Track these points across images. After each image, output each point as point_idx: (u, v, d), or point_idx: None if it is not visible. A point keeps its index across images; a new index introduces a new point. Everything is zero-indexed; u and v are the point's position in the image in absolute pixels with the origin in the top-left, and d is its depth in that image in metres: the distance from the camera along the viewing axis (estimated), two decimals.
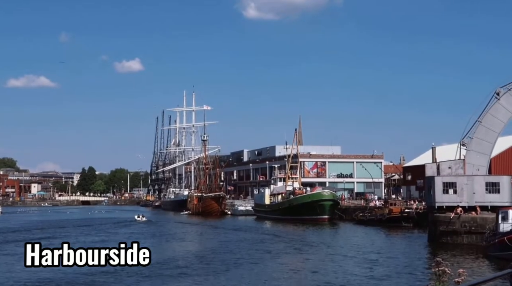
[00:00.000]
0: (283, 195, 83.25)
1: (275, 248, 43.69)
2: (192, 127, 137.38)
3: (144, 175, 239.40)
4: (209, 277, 29.78)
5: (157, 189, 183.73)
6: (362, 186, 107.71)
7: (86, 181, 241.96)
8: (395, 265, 33.75)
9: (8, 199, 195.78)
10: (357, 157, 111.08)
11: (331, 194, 77.17)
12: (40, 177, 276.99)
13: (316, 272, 31.25)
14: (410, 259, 36.25)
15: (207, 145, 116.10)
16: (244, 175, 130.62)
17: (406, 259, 36.21)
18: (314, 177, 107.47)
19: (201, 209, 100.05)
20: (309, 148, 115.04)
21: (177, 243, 50.82)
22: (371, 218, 66.12)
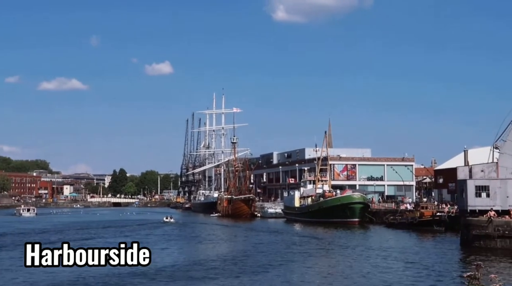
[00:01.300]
0: (313, 198, 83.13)
1: (306, 250, 43.75)
2: (222, 130, 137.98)
3: (174, 177, 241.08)
4: (242, 278, 30.00)
5: (187, 191, 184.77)
6: (392, 189, 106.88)
7: (117, 182, 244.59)
8: (427, 269, 33.54)
9: (41, 200, 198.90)
10: (387, 159, 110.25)
11: (361, 197, 76.82)
12: (72, 178, 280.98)
13: (348, 274, 31.29)
14: (443, 263, 35.96)
15: (237, 147, 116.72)
16: (274, 178, 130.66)
17: (438, 263, 35.93)
18: (344, 179, 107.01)
19: (231, 211, 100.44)
20: (339, 150, 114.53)
21: (209, 245, 51.20)
22: (402, 221, 65.56)
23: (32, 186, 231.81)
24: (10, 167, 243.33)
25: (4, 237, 56.97)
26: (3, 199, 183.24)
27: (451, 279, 29.27)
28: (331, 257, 40.56)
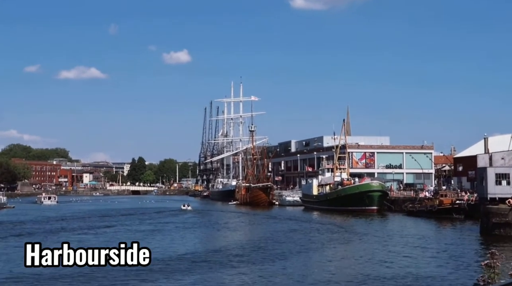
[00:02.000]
0: (331, 186, 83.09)
1: (325, 238, 43.92)
2: (240, 118, 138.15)
3: (192, 165, 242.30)
4: (262, 266, 30.24)
5: (205, 179, 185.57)
6: (411, 177, 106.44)
7: (136, 171, 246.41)
8: (446, 257, 33.56)
9: (61, 189, 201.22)
10: (406, 147, 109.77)
11: (380, 185, 76.64)
12: (92, 167, 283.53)
13: (367, 262, 31.41)
14: (462, 251, 35.91)
15: (255, 135, 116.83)
16: (292, 166, 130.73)
17: (457, 251, 35.90)
18: (362, 167, 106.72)
19: (249, 199, 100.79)
20: (358, 138, 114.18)
21: (227, 232, 51.60)
22: (421, 209, 65.38)
23: (52, 174, 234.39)
24: (30, 155, 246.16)
25: (26, 224, 57.91)
26: (23, 187, 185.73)
27: (470, 267, 29.25)
28: (350, 244, 40.70)
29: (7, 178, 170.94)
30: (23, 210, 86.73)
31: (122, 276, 26.75)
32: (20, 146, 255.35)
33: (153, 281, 25.72)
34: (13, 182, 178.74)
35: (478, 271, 25.08)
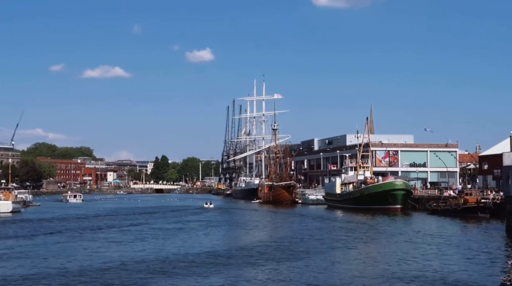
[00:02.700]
0: (355, 184, 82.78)
1: (349, 236, 43.81)
2: (263, 117, 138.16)
3: (215, 163, 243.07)
4: (286, 264, 30.35)
5: (228, 178, 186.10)
6: (436, 176, 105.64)
7: (159, 169, 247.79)
8: (472, 256, 33.33)
9: (86, 187, 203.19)
10: (430, 146, 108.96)
11: (404, 183, 76.13)
12: (116, 165, 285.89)
13: (393, 261, 31.31)
14: (487, 251, 35.60)
15: (278, 133, 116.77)
16: (315, 164, 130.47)
17: (483, 250, 35.61)
18: (386, 166, 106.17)
19: (272, 197, 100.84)
20: (381, 136, 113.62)
21: (251, 230, 51.74)
22: (445, 208, 64.84)
23: (76, 173, 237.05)
24: (55, 153, 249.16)
25: (52, 222, 58.82)
26: (49, 185, 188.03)
27: (496, 267, 29.04)
28: (375, 243, 40.60)
29: (33, 176, 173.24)
30: (49, 208, 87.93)
31: (148, 272, 27.14)
32: (45, 145, 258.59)
33: (179, 278, 25.98)
34: (38, 180, 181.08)
35: (505, 271, 24.99)
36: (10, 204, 73.99)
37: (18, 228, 52.12)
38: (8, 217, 66.39)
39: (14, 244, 39.42)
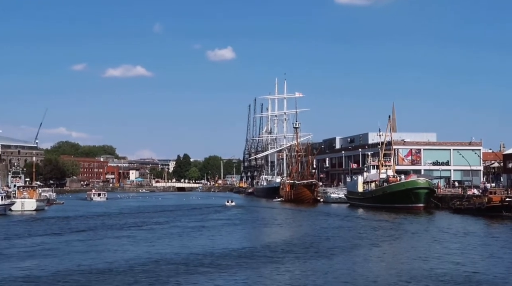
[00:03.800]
0: (377, 183, 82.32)
1: (373, 235, 43.67)
2: (284, 115, 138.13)
3: (237, 162, 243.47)
4: (311, 262, 30.37)
5: (249, 176, 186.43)
6: (459, 174, 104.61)
7: (181, 167, 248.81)
8: (497, 255, 33.06)
9: (108, 185, 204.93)
10: (453, 144, 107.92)
11: (427, 182, 75.48)
12: (138, 163, 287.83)
13: (416, 259, 31.17)
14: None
15: (299, 132, 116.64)
16: (337, 162, 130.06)
17: (507, 250, 35.22)
18: (408, 164, 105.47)
19: (294, 196, 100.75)
20: (403, 135, 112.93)
21: (274, 229, 51.89)
22: (469, 207, 64.20)
23: (99, 171, 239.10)
24: (78, 152, 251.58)
25: (77, 220, 59.50)
26: (72, 183, 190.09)
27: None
28: (398, 241, 40.35)
29: (56, 174, 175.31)
30: (73, 206, 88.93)
31: (173, 270, 27.34)
32: (68, 143, 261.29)
33: (203, 276, 26.11)
34: (62, 178, 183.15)
35: None
36: (34, 202, 74.94)
37: (44, 225, 52.82)
38: (32, 215, 67.24)
39: (40, 241, 39.91)
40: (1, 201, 66.86)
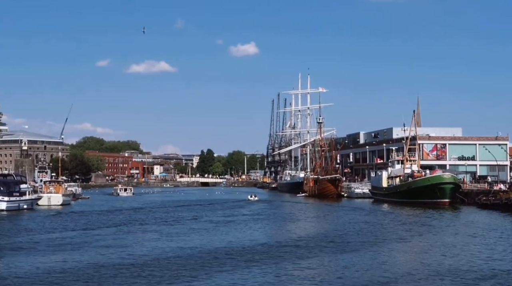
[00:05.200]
0: (401, 178, 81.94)
1: (399, 230, 43.60)
2: (308, 110, 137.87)
3: (260, 157, 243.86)
4: (340, 256, 30.52)
5: (273, 171, 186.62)
6: (485, 169, 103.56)
7: (205, 163, 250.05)
8: None
9: (133, 180, 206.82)
10: (479, 138, 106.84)
11: (452, 177, 74.98)
12: (162, 159, 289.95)
13: (444, 254, 31.11)
14: None
15: (323, 127, 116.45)
16: (361, 157, 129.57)
17: None
18: (433, 159, 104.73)
19: (317, 191, 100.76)
20: (428, 129, 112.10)
21: (299, 223, 52.08)
22: (495, 202, 63.68)
23: (124, 166, 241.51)
24: (103, 147, 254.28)
25: (103, 215, 60.34)
26: (97, 178, 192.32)
27: None
28: (425, 236, 40.23)
29: (82, 169, 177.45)
30: (100, 201, 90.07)
31: (201, 263, 27.72)
32: (93, 139, 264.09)
33: (227, 270, 26.40)
34: (87, 173, 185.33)
35: None
36: (60, 196, 76.16)
37: (70, 219, 53.76)
38: (58, 209, 68.33)
39: (68, 235, 40.63)
40: (29, 196, 68.05)
